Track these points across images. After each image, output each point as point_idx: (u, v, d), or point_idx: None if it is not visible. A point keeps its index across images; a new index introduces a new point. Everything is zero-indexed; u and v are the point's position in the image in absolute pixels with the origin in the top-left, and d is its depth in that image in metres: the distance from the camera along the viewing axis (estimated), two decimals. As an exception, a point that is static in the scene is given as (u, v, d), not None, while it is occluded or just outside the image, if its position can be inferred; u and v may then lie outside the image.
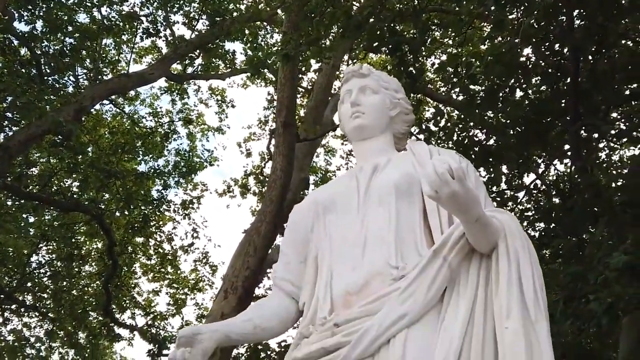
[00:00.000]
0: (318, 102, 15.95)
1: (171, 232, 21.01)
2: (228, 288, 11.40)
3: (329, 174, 20.35)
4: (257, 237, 11.77)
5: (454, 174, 2.63)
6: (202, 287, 21.70)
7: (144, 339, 20.78)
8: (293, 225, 3.61)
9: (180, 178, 20.50)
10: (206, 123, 22.04)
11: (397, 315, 2.84)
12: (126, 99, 20.20)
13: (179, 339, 2.97)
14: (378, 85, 3.72)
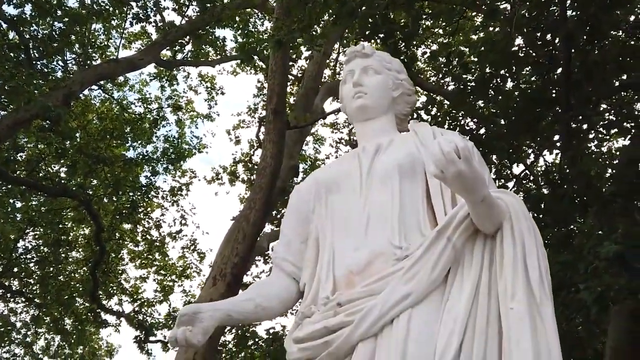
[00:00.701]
0: (308, 89, 15.94)
1: (159, 219, 20.96)
2: (217, 275, 11.37)
3: (318, 163, 20.28)
4: (246, 224, 11.72)
5: (460, 153, 2.62)
6: (189, 274, 21.65)
7: (130, 325, 20.75)
8: (294, 206, 3.62)
9: (168, 165, 20.42)
10: (195, 110, 22.00)
11: (401, 295, 2.85)
12: (115, 85, 20.08)
13: (179, 317, 2.96)
14: (381, 66, 3.73)
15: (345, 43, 16.15)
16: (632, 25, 11.09)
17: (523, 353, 2.60)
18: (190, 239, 21.46)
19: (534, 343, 2.62)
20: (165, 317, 21.22)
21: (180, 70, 21.08)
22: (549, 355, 2.64)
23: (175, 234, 21.02)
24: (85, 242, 20.53)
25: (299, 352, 3.08)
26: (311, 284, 3.28)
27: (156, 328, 21.01)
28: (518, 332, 2.65)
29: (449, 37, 12.67)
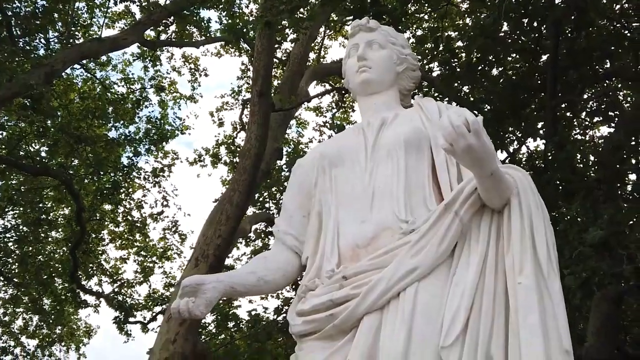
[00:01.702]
0: (294, 72, 15.89)
1: (141, 200, 20.81)
2: (199, 256, 11.36)
3: (301, 146, 20.25)
4: (229, 205, 11.69)
5: (470, 126, 2.61)
6: (170, 256, 21.52)
7: (110, 306, 20.65)
8: (296, 180, 3.61)
9: (151, 146, 20.26)
10: (178, 91, 21.81)
11: (408, 268, 2.86)
12: (98, 64, 19.89)
13: (182, 288, 2.96)
14: (385, 40, 3.71)
15: (331, 26, 16.17)
16: (618, 13, 11.15)
17: (531, 328, 2.62)
18: (172, 220, 21.33)
19: (542, 318, 2.64)
20: (145, 298, 21.17)
21: (164, 50, 20.89)
22: (557, 330, 2.66)
23: (156, 215, 20.86)
24: (65, 222, 20.38)
25: (303, 325, 3.08)
26: (314, 257, 3.28)
27: (136, 309, 20.95)
28: (526, 307, 2.67)
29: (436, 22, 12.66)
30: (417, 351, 2.72)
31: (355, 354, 2.81)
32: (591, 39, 10.94)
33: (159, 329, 11.04)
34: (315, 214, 3.40)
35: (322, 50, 20.16)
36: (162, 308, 20.59)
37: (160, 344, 10.40)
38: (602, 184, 9.01)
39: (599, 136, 13.86)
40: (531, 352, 2.59)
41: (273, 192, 18.20)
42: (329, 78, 18.99)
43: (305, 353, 3.05)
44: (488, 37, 9.85)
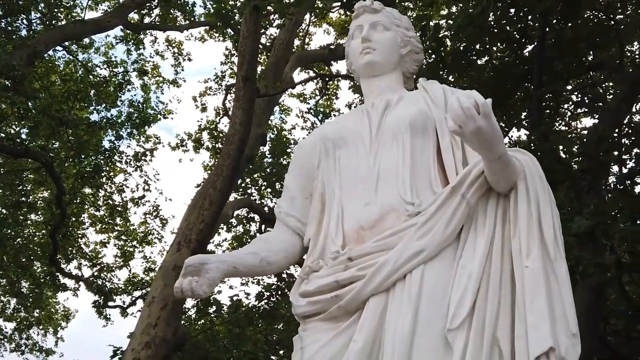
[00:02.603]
0: (279, 58, 15.84)
1: (122, 184, 20.69)
2: (181, 241, 11.32)
3: (284, 133, 20.21)
4: (213, 191, 11.64)
5: (480, 109, 2.60)
6: (151, 241, 21.43)
7: (89, 290, 20.58)
8: (297, 161, 3.60)
9: (133, 129, 20.14)
10: (161, 75, 21.69)
11: (414, 250, 2.86)
12: (80, 47, 19.72)
13: (185, 267, 2.94)
14: (390, 22, 3.69)
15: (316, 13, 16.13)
16: (604, 4, 11.20)
17: (538, 312, 2.63)
18: (153, 205, 21.28)
19: (549, 302, 2.64)
20: (125, 282, 21.10)
21: (147, 34, 20.75)
22: (563, 314, 2.67)
23: (137, 200, 20.75)
24: (45, 205, 20.22)
25: (307, 306, 3.08)
26: (316, 239, 3.27)
27: (115, 293, 20.89)
28: (533, 291, 2.67)
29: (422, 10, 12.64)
30: (424, 333, 2.72)
31: (361, 335, 2.81)
32: (577, 30, 11.00)
33: (140, 313, 11.00)
34: (317, 196, 3.39)
35: (307, 36, 20.08)
36: (141, 293, 20.53)
37: (141, 328, 10.36)
38: (587, 174, 9.06)
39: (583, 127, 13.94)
40: (538, 335, 2.59)
41: (255, 178, 18.18)
42: (313, 65, 18.95)
43: (309, 334, 3.03)
44: (477, 27, 9.85)
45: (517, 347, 2.67)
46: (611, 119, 10.72)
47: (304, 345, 3.02)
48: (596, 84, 12.90)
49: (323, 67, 19.39)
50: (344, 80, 19.02)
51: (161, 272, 11.03)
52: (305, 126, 20.41)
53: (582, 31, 10.93)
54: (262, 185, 18.72)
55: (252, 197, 18.20)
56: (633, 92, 10.85)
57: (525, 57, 11.29)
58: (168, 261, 11.16)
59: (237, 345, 17.29)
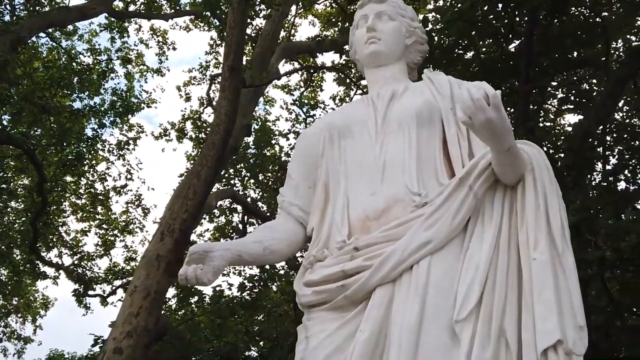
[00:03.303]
0: (265, 49, 15.78)
1: (104, 172, 20.56)
2: (165, 230, 11.27)
3: (268, 124, 20.16)
4: (197, 180, 11.59)
5: (490, 100, 2.59)
6: (132, 230, 21.32)
7: (69, 278, 20.46)
8: (302, 150, 3.59)
9: (116, 118, 20.02)
10: (145, 64, 21.54)
11: (421, 241, 2.86)
12: (63, 34, 19.56)
13: (190, 255, 2.92)
14: (395, 12, 3.69)
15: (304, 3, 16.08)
16: (592, 1, 11.25)
17: (545, 304, 2.63)
18: (135, 194, 21.12)
19: (556, 294, 2.65)
20: (106, 271, 21.03)
21: (132, 22, 20.58)
22: (571, 306, 2.68)
23: (120, 189, 20.63)
24: (26, 193, 20.10)
25: (313, 295, 3.07)
26: (320, 228, 3.28)
27: (95, 282, 20.80)
28: (540, 283, 2.68)
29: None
30: (431, 324, 2.73)
31: (367, 325, 2.81)
32: (564, 27, 11.05)
33: (122, 302, 10.95)
34: (321, 185, 3.39)
35: (292, 28, 20.01)
36: (122, 282, 20.49)
37: (123, 317, 10.32)
38: (572, 170, 9.11)
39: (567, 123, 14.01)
40: (546, 327, 2.60)
41: (239, 169, 18.14)
42: (299, 56, 18.90)
43: (314, 323, 3.03)
44: (466, 21, 9.87)
45: (524, 338, 2.68)
46: (596, 115, 10.79)
47: (309, 334, 3.01)
48: (581, 80, 12.97)
49: (308, 58, 19.34)
50: (329, 72, 18.98)
51: (144, 261, 10.97)
52: (289, 118, 20.41)
53: (568, 27, 10.98)
54: (245, 176, 18.69)
55: (236, 188, 18.16)
56: (618, 89, 10.91)
57: (511, 53, 11.33)
58: (151, 250, 11.11)
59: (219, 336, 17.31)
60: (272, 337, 19.62)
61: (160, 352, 15.73)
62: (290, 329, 19.27)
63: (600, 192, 10.33)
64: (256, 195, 19.26)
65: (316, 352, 2.92)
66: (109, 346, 10.02)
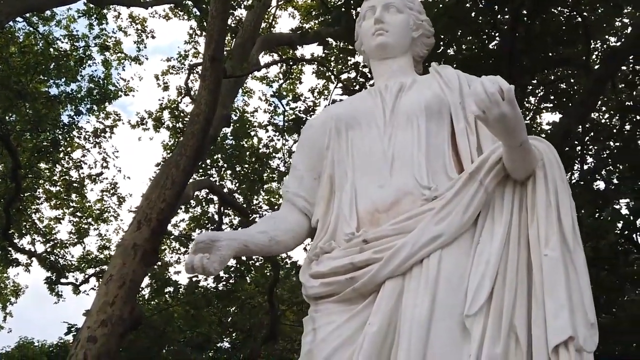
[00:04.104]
0: (246, 40, 15.71)
1: (80, 160, 20.39)
2: (142, 219, 11.17)
3: (246, 115, 20.11)
4: (175, 170, 11.51)
5: (505, 95, 2.58)
6: (106, 218, 21.22)
7: (42, 266, 20.34)
8: (307, 141, 3.56)
9: (93, 105, 19.86)
10: (123, 51, 21.36)
11: (432, 235, 2.85)
12: (41, 19, 19.34)
13: (196, 244, 2.89)
14: (403, 5, 3.67)
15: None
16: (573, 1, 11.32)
17: (557, 301, 2.64)
18: (111, 182, 21.02)
19: (568, 291, 2.66)
20: (79, 259, 20.89)
21: (111, 9, 20.38)
22: (582, 303, 2.69)
23: (95, 177, 20.50)
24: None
25: (321, 287, 3.05)
26: (325, 220, 3.26)
27: (68, 270, 20.67)
28: (552, 280, 2.69)
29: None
30: (441, 318, 2.73)
31: (376, 318, 2.80)
32: (545, 25, 11.11)
33: (97, 291, 10.87)
34: (326, 177, 3.37)
35: (273, 19, 19.94)
36: (95, 270, 20.38)
37: (98, 306, 10.22)
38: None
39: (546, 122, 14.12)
40: (557, 324, 2.61)
41: (216, 159, 18.09)
42: (278, 48, 18.86)
43: (322, 315, 3.01)
44: (451, 17, 9.88)
45: (535, 334, 2.69)
46: (576, 114, 10.87)
47: (316, 326, 3.00)
48: (562, 79, 13.06)
49: (287, 50, 19.28)
50: (309, 64, 18.95)
51: (120, 250, 10.88)
52: (268, 109, 20.37)
53: (550, 26, 11.05)
54: (222, 167, 18.64)
55: (213, 179, 18.11)
56: (597, 89, 11.00)
57: (492, 50, 11.37)
58: (127, 239, 11.01)
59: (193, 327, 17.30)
60: (246, 328, 19.63)
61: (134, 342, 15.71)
62: (264, 321, 19.31)
63: (580, 191, 10.40)
64: (233, 186, 19.23)
65: (324, 344, 2.91)
66: (83, 335, 9.93)
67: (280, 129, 19.17)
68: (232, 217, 19.53)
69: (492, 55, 11.26)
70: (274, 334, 18.08)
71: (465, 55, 11.28)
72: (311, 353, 2.96)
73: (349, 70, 15.99)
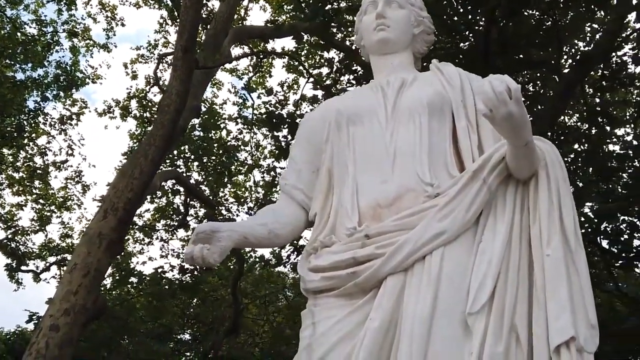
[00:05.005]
0: (219, 31, 15.59)
1: (45, 147, 20.14)
2: (108, 208, 11.06)
3: (215, 107, 20.02)
4: (144, 160, 11.41)
5: (512, 94, 2.59)
6: (70, 206, 21.00)
7: (3, 253, 20.06)
8: (305, 135, 3.56)
9: (59, 91, 19.60)
10: (92, 39, 21.08)
11: (435, 232, 2.86)
12: (9, 2, 19.04)
13: (196, 234, 2.87)
14: (405, 1, 3.68)
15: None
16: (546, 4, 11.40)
17: (559, 301, 2.66)
18: (76, 170, 20.77)
19: (569, 291, 2.68)
20: (40, 247, 20.64)
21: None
22: (583, 304, 2.71)
23: (60, 164, 20.27)
24: (-40, 163, 19.60)
25: (321, 281, 3.04)
26: (322, 213, 3.27)
27: (29, 257, 20.41)
28: (554, 280, 2.70)
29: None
30: (443, 316, 2.73)
31: (378, 313, 2.80)
32: (519, 28, 11.19)
33: (61, 279, 10.76)
34: (325, 170, 3.37)
35: (245, 12, 19.83)
36: (57, 258, 20.17)
37: (61, 295, 10.11)
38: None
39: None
40: (559, 324, 2.63)
41: (183, 150, 18.00)
42: (249, 41, 18.78)
43: (321, 309, 3.00)
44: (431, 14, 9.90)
45: (536, 334, 2.71)
46: (546, 117, 10.95)
47: (316, 320, 2.99)
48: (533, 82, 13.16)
49: (257, 43, 19.20)
50: (279, 58, 18.90)
51: (85, 239, 10.76)
52: (237, 102, 20.30)
53: (523, 29, 11.14)
54: (189, 158, 18.55)
55: (180, 170, 18.01)
56: (567, 93, 11.11)
57: (467, 51, 11.43)
58: (93, 228, 10.89)
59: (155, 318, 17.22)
60: (208, 321, 19.60)
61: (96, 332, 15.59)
62: (226, 314, 19.28)
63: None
64: (200, 177, 19.14)
65: (324, 338, 2.90)
66: (45, 323, 9.82)
67: (249, 121, 19.12)
68: (197, 209, 19.46)
69: (467, 56, 11.32)
70: (236, 327, 18.07)
71: (439, 54, 11.33)
72: (310, 347, 2.94)
73: (320, 65, 16.00)
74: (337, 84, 13.30)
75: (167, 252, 19.35)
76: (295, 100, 16.37)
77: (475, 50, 10.91)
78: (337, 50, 14.16)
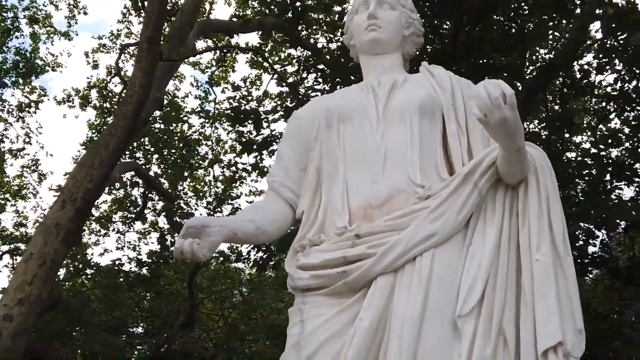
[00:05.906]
0: (184, 23, 15.49)
1: (1, 134, 19.81)
2: (67, 199, 10.93)
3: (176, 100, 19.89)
4: (104, 150, 11.29)
5: (507, 99, 2.61)
6: (25, 195, 20.71)
7: (-46, 240, 19.74)
8: (293, 132, 3.55)
9: (18, 78, 19.30)
10: (53, 26, 20.75)
11: (426, 233, 2.88)
12: (-33, -13, 18.72)
13: (186, 229, 2.86)
14: (396, 2, 3.70)
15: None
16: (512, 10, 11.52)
17: (547, 307, 2.70)
18: (33, 158, 20.47)
19: (557, 297, 2.71)
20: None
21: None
22: (571, 310, 2.75)
23: (16, 152, 19.97)
24: None
25: (310, 279, 3.04)
26: (310, 212, 3.27)
27: (-21, 244, 20.13)
28: (543, 285, 2.73)
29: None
30: (433, 317, 2.75)
31: (367, 313, 2.81)
32: (484, 33, 11.29)
33: (16, 269, 10.59)
34: (314, 168, 3.37)
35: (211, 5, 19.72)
36: (9, 247, 19.87)
37: (15, 285, 9.97)
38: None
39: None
40: (548, 330, 2.66)
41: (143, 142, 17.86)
42: (214, 35, 18.69)
43: (310, 307, 3.00)
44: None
45: (523, 338, 2.74)
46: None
47: (304, 318, 2.99)
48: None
49: (221, 37, 19.11)
50: (243, 53, 18.83)
51: (42, 228, 10.63)
52: (198, 95, 20.21)
53: (489, 34, 11.24)
54: (149, 151, 18.41)
55: (139, 162, 17.86)
56: (529, 100, 11.24)
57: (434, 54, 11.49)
58: (50, 218, 10.76)
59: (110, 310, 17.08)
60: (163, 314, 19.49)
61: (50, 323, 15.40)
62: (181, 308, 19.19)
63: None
64: (160, 170, 19.01)
65: (313, 336, 2.91)
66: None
67: (211, 116, 19.04)
68: (155, 201, 19.33)
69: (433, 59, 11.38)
70: (191, 321, 18.02)
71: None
72: (299, 345, 2.94)
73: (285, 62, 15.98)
74: (303, 82, 13.30)
75: (123, 245, 19.25)
76: (258, 97, 16.33)
77: (442, 53, 10.99)
78: (301, 48, 14.14)
